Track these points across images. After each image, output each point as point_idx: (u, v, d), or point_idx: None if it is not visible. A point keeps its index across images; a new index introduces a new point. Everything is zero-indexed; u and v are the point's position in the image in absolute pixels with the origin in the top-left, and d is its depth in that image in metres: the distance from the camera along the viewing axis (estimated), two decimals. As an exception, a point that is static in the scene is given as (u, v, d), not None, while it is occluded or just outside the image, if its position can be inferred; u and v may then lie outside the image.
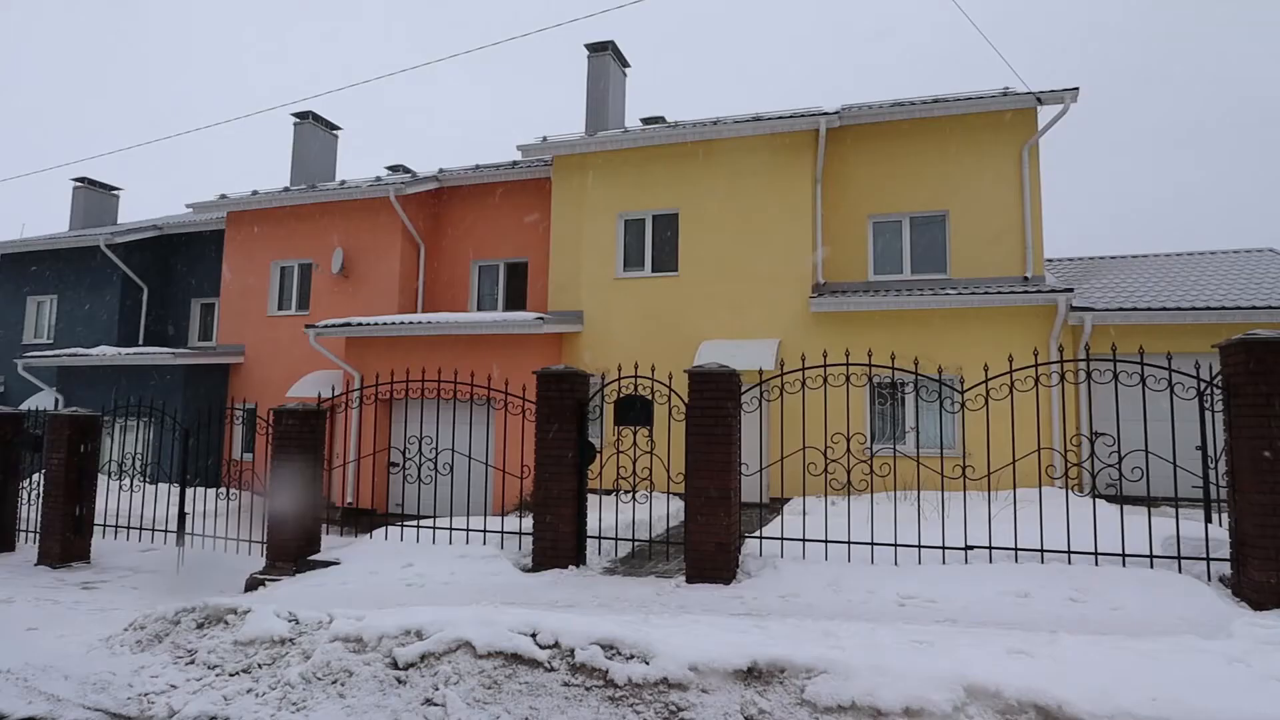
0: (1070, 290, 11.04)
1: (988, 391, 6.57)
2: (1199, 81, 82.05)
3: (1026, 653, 4.10)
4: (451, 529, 8.07)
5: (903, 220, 12.98)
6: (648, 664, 4.05)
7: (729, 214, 12.88)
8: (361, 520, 12.12)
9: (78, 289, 18.16)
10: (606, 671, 4.06)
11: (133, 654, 5.29)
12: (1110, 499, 8.42)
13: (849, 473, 6.67)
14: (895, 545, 6.56)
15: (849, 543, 6.65)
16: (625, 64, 16.29)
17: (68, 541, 9.49)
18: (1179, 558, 6.13)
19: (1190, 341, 10.17)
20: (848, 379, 6.88)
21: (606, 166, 13.71)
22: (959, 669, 3.73)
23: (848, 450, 6.63)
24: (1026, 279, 11.91)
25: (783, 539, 6.89)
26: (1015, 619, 5.22)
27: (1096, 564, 6.18)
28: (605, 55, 15.54)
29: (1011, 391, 6.52)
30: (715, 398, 6.72)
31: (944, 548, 6.49)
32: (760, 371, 7.38)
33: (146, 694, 4.67)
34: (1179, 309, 11.15)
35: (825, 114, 12.55)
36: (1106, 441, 6.36)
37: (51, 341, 18.35)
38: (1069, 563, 6.23)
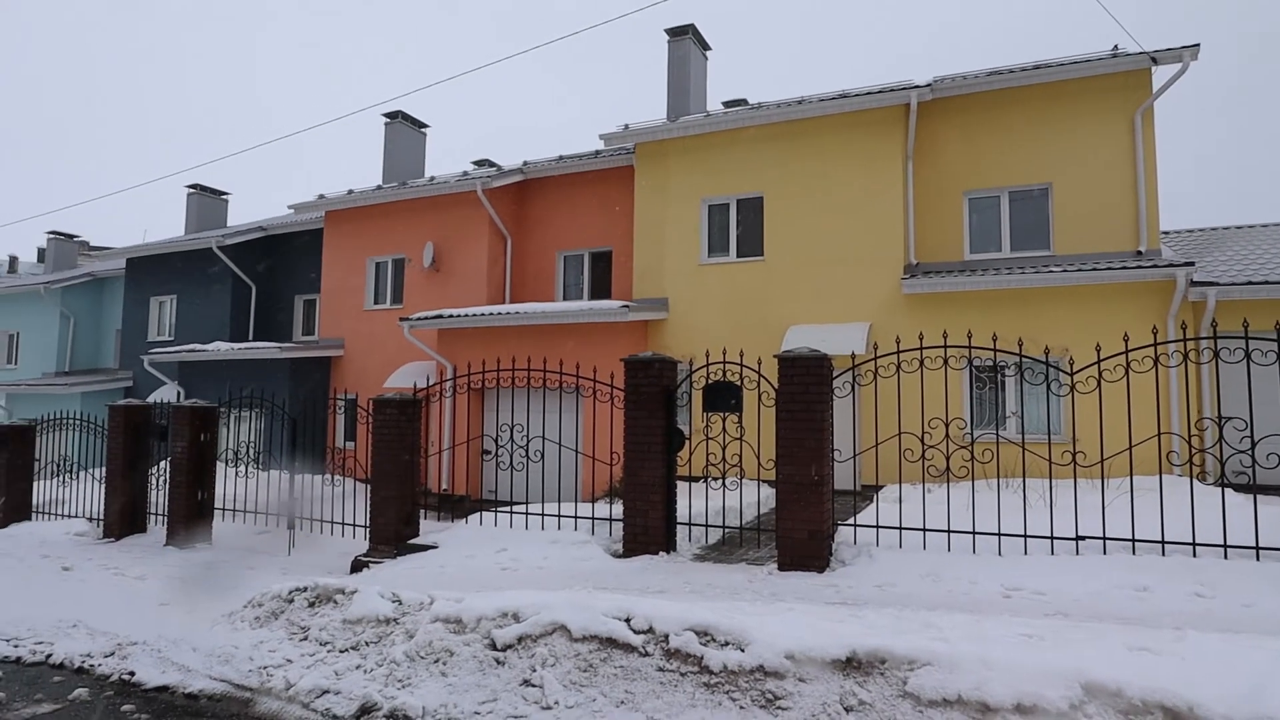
0: (1190, 264, 10.25)
1: (1100, 373, 6.17)
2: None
3: (1150, 650, 3.83)
4: (543, 515, 8.22)
5: (1001, 195, 12.35)
6: (743, 651, 4.00)
7: (815, 196, 12.57)
8: (456, 506, 12.52)
9: (194, 288, 19.43)
10: (701, 658, 4.04)
11: (252, 629, 5.62)
12: (1241, 488, 7.79)
13: (948, 459, 6.41)
14: (999, 535, 6.26)
15: (949, 531, 6.39)
16: (706, 47, 16.08)
17: (192, 524, 10.19)
18: (1323, 552, 5.61)
19: (1332, 316, 9.27)
20: (945, 362, 6.59)
21: (689, 152, 13.60)
22: (1075, 665, 3.52)
23: (946, 436, 6.37)
24: (1140, 253, 11.13)
25: (878, 527, 6.69)
26: (1134, 614, 4.90)
27: (1225, 557, 5.74)
28: (685, 39, 15.39)
29: (1128, 373, 6.10)
30: (806, 383, 6.58)
31: (1053, 538, 6.15)
32: (853, 356, 7.18)
33: (265, 667, 4.96)
34: (1318, 281, 10.19)
35: (916, 87, 12.05)
36: (1237, 425, 5.86)
37: (172, 338, 19.71)
38: (1193, 555, 5.80)
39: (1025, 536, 6.22)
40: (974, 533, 6.35)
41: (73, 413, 12.38)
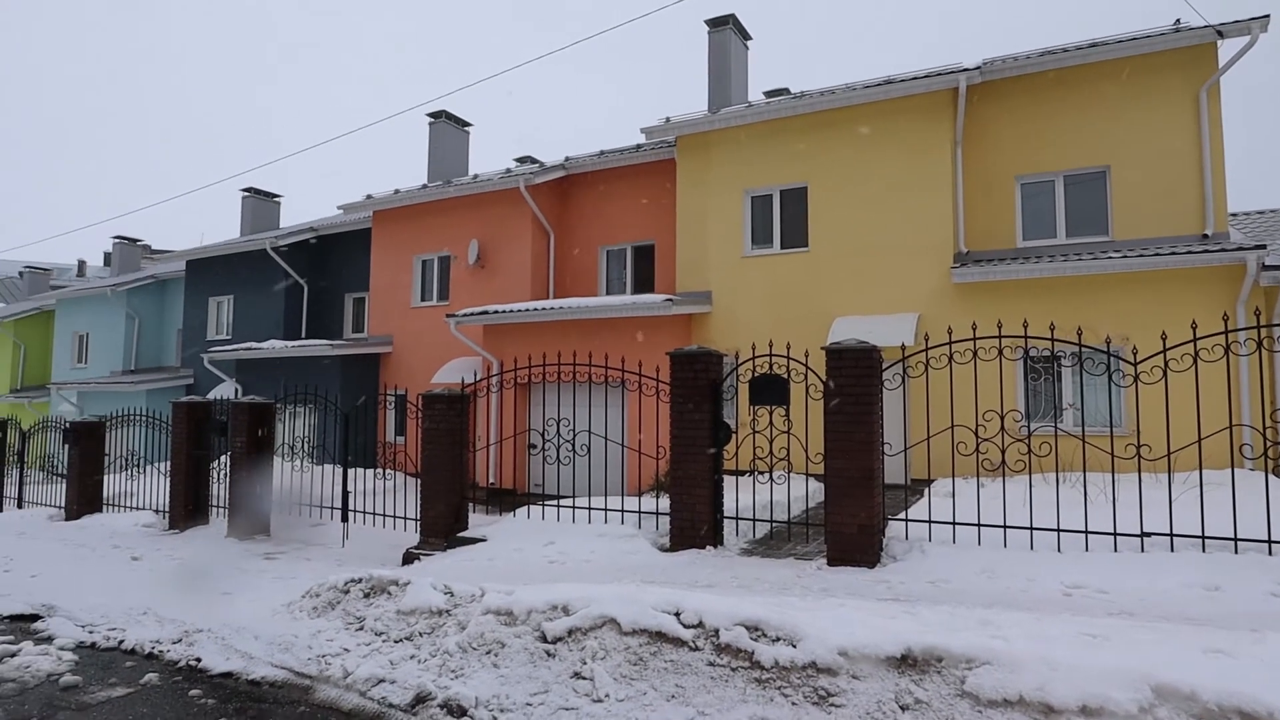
0: (1262, 247, 9.78)
1: (1166, 363, 5.93)
2: None
3: (1225, 652, 3.67)
4: (590, 508, 8.26)
5: (1055, 180, 11.97)
6: (794, 647, 3.96)
7: (861, 185, 12.35)
8: (503, 499, 12.67)
9: (250, 288, 20.02)
10: (752, 653, 4.01)
11: (310, 619, 5.77)
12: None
13: (1003, 452, 6.24)
14: (1058, 530, 6.08)
15: (1004, 526, 6.23)
16: (746, 37, 15.93)
17: (251, 516, 10.51)
18: None
19: None
20: (1000, 352, 6.42)
21: (731, 143, 13.48)
22: (1144, 666, 3.39)
23: (1001, 428, 6.20)
24: (1206, 236, 10.68)
25: (930, 522, 6.56)
26: (1205, 614, 4.71)
27: (1304, 555, 5.47)
28: (726, 30, 15.26)
29: (1196, 362, 5.85)
30: (855, 375, 6.47)
31: (1115, 534, 5.95)
32: (902, 347, 7.03)
33: (323, 655, 5.08)
34: (1402, 263, 9.63)
35: (965, 70, 11.73)
36: (1315, 416, 5.58)
37: (229, 337, 20.35)
38: (1269, 553, 5.55)
39: (1086, 533, 6.02)
40: (1031, 528, 6.17)
41: (138, 409, 12.87)
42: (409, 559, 8.30)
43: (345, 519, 10.05)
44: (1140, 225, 11.23)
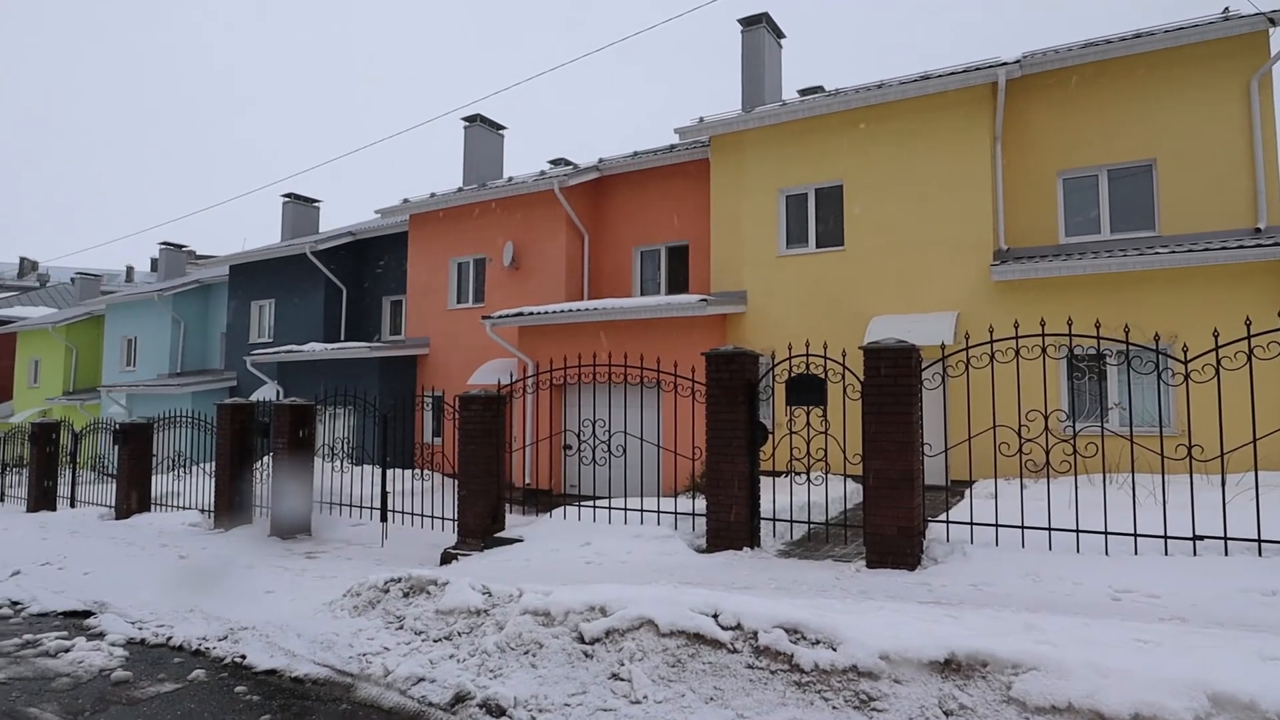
0: (1319, 241, 9.43)
1: (1219, 360, 5.74)
2: None
3: (1286, 660, 3.54)
4: (626, 509, 8.27)
5: (1099, 174, 11.68)
6: (835, 650, 3.91)
7: (898, 182, 12.18)
8: (539, 500, 12.75)
9: (290, 292, 20.43)
10: (791, 656, 3.97)
11: (351, 618, 5.86)
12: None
13: (1047, 453, 6.09)
14: (1105, 533, 5.92)
15: (1049, 529, 6.09)
16: (780, 35, 15.82)
17: (293, 516, 10.71)
18: None
19: None
20: (1044, 351, 6.27)
21: (765, 142, 13.40)
22: (1200, 674, 3.29)
23: (1045, 428, 6.06)
24: (1259, 230, 10.32)
25: (972, 524, 6.43)
26: (1263, 620, 4.54)
27: (1368, 560, 5.26)
28: (759, 28, 15.17)
29: (1250, 360, 5.66)
30: (894, 375, 6.38)
31: (1166, 537, 5.78)
32: (942, 346, 6.92)
33: (364, 654, 5.16)
34: None
35: (1004, 64, 11.51)
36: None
37: (271, 340, 20.79)
38: (1331, 558, 5.34)
39: (1135, 535, 5.86)
40: (1077, 530, 6.03)
41: (184, 411, 13.20)
42: (447, 559, 8.38)
43: (384, 519, 10.19)
44: (1189, 220, 10.91)
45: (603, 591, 4.88)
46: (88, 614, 6.71)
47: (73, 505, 14.67)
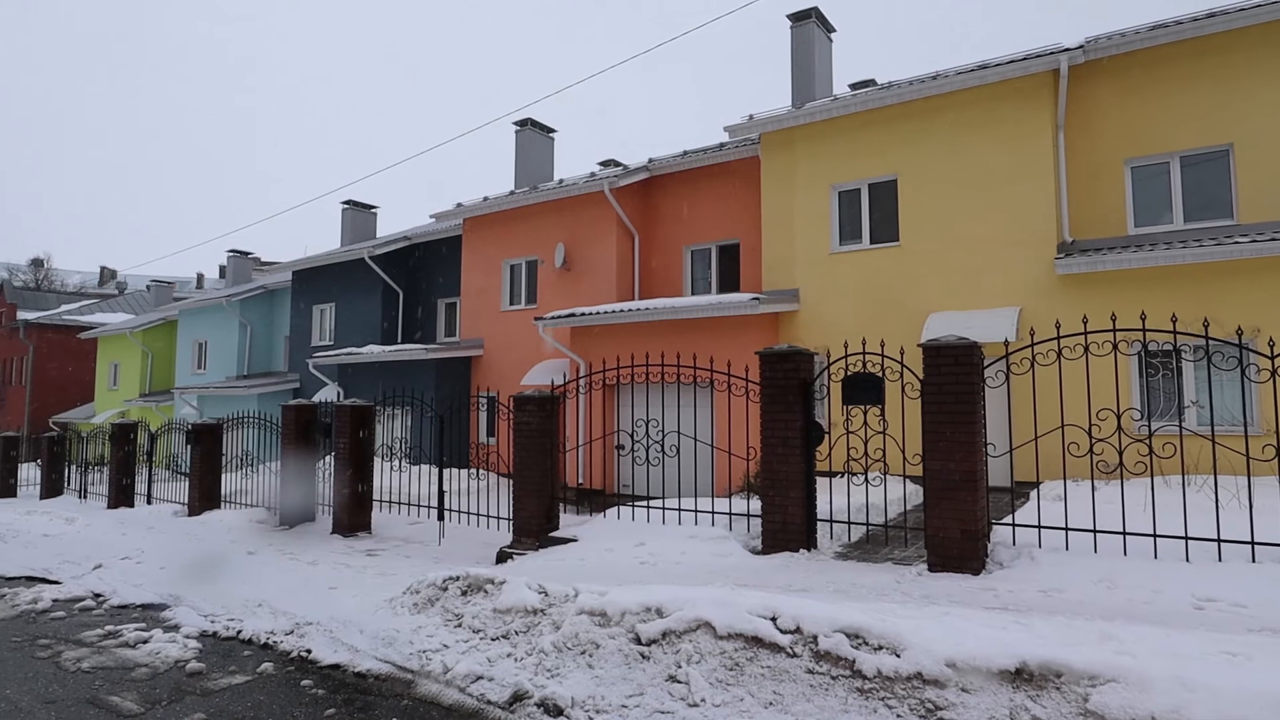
0: None
1: (1310, 356, 5.41)
2: None
3: (1392, 676, 3.31)
4: (680, 510, 8.23)
5: (1170, 161, 11.17)
6: (898, 656, 3.81)
7: (955, 175, 11.85)
8: (592, 500, 12.80)
9: (350, 296, 20.97)
10: (853, 661, 3.88)
11: (411, 615, 5.96)
12: None
13: (1121, 453, 5.84)
14: (1186, 538, 5.64)
15: (1124, 533, 5.83)
16: (830, 29, 15.56)
17: (354, 514, 10.98)
18: None
19: None
20: (1115, 347, 6.01)
21: (816, 138, 13.20)
22: (1296, 689, 3.09)
23: (1118, 428, 5.80)
24: (1350, 217, 9.72)
25: (1040, 527, 6.20)
26: (1363, 633, 4.26)
27: None
28: (809, 23, 14.95)
29: (1345, 355, 5.32)
30: (955, 373, 6.20)
31: (1253, 543, 5.47)
32: (1005, 343, 6.70)
33: (424, 651, 5.24)
34: None
35: (1066, 50, 11.10)
36: None
37: (332, 343, 21.38)
38: None
39: (1219, 541, 5.56)
40: (1155, 535, 5.75)
41: (251, 412, 13.66)
42: (502, 558, 8.47)
43: (441, 518, 10.36)
44: (1270, 207, 10.34)
45: (659, 592, 4.86)
46: (164, 607, 6.98)
47: (149, 502, 15.32)
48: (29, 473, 20.72)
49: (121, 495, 15.52)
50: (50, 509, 15.12)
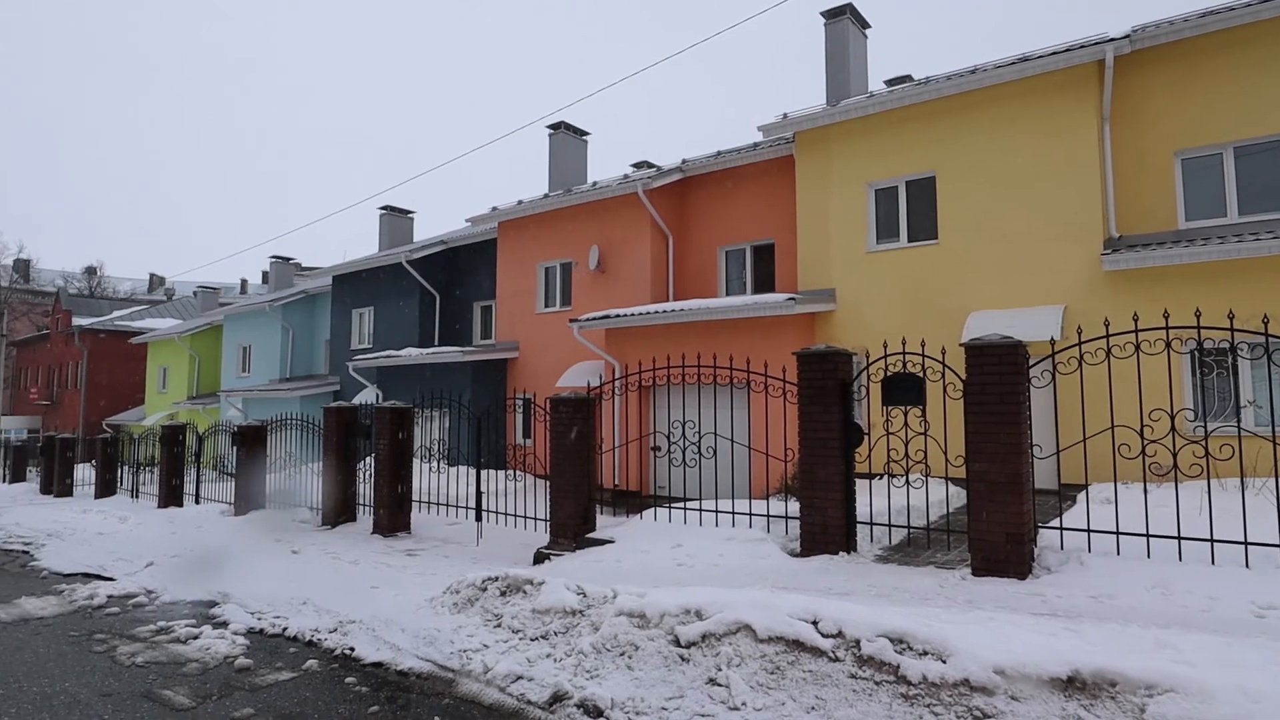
0: None
1: (1377, 353, 5.19)
2: None
3: None
4: (717, 511, 8.19)
5: (1223, 152, 10.80)
6: (944, 662, 3.73)
7: (995, 170, 11.62)
8: (628, 501, 12.81)
9: (388, 300, 21.30)
10: (897, 667, 3.82)
11: (451, 614, 6.01)
12: None
13: (1175, 455, 5.65)
14: (1245, 543, 5.44)
15: (1179, 538, 5.64)
16: (865, 25, 15.38)
17: (394, 515, 11.14)
18: None
19: None
20: (1168, 345, 5.83)
21: (852, 135, 13.04)
22: (1368, 702, 2.96)
23: (1172, 429, 5.62)
24: None
25: (1089, 530, 6.04)
26: None
27: None
28: (843, 20, 14.79)
29: None
30: (999, 372, 6.06)
31: (1316, 548, 5.26)
32: (1052, 341, 6.54)
33: (464, 650, 5.28)
34: None
35: (1111, 40, 10.80)
36: None
37: (370, 346, 21.73)
38: None
39: None
40: (1212, 540, 5.56)
41: (293, 414, 13.94)
42: (540, 558, 8.51)
43: (479, 518, 10.45)
44: (1332, 199, 9.94)
45: (697, 594, 4.83)
46: (213, 604, 7.15)
47: (197, 502, 15.72)
48: (84, 473, 21.43)
49: (171, 495, 15.96)
50: (104, 508, 15.62)
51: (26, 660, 5.61)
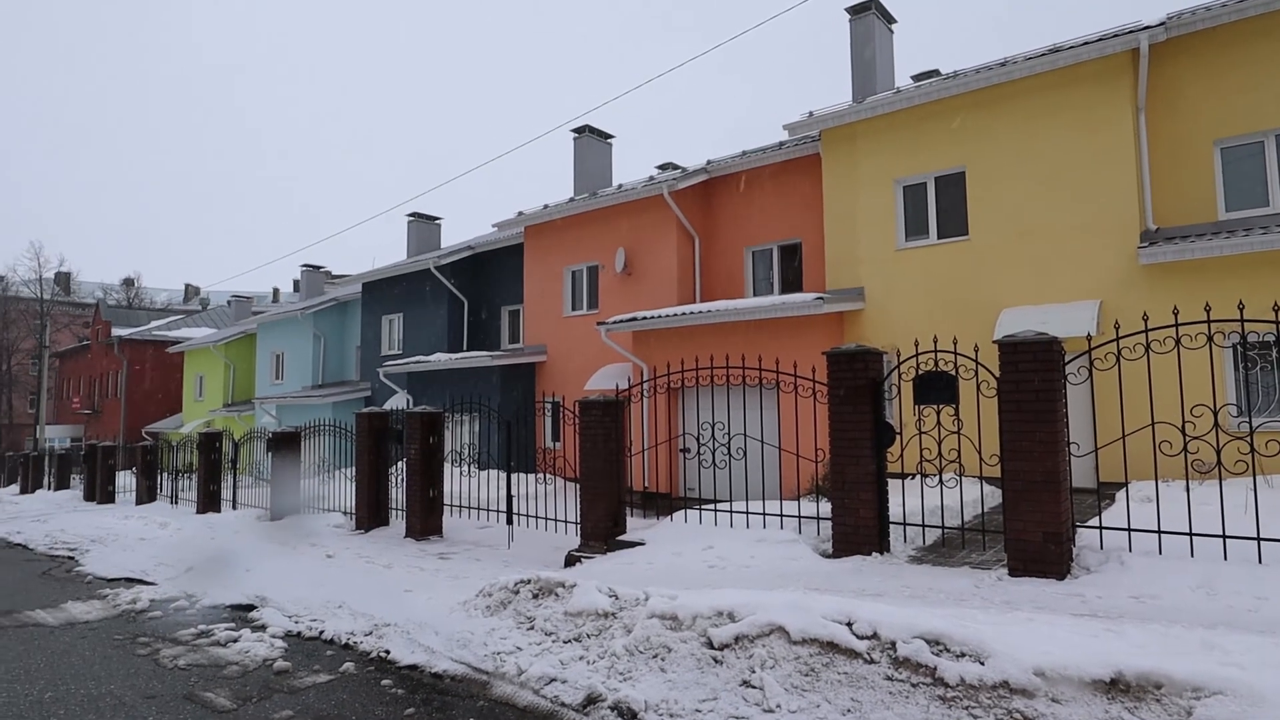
0: None
1: None
2: None
3: None
4: (748, 513, 8.15)
5: (1265, 140, 10.51)
6: (982, 664, 3.68)
7: (1027, 164, 11.43)
8: (658, 503, 12.80)
9: (417, 306, 21.54)
10: (934, 669, 3.77)
11: (484, 617, 6.06)
12: None
13: (1218, 451, 5.51)
14: (1293, 541, 5.28)
15: (1224, 536, 5.50)
16: (891, 20, 15.23)
17: (426, 518, 11.25)
18: None
19: None
20: (1210, 339, 5.69)
21: (879, 132, 12.92)
22: None
23: (1215, 425, 5.48)
24: None
25: (1130, 530, 5.91)
26: None
27: None
28: (868, 15, 14.67)
29: None
30: (1034, 370, 5.96)
31: (1370, 546, 5.09)
32: (1088, 337, 6.41)
33: (498, 653, 5.32)
34: None
35: (1146, 29, 10.57)
36: None
37: (400, 351, 21.99)
38: None
39: (1330, 544, 5.19)
40: (1259, 539, 5.41)
41: (326, 420, 14.15)
42: (570, 561, 8.54)
43: (510, 521, 10.51)
44: (1380, 185, 9.63)
45: (730, 597, 4.81)
46: (250, 607, 7.28)
47: (234, 507, 16.02)
48: (125, 480, 21.96)
49: (209, 501, 16.28)
50: (145, 514, 15.99)
51: (74, 663, 5.76)
